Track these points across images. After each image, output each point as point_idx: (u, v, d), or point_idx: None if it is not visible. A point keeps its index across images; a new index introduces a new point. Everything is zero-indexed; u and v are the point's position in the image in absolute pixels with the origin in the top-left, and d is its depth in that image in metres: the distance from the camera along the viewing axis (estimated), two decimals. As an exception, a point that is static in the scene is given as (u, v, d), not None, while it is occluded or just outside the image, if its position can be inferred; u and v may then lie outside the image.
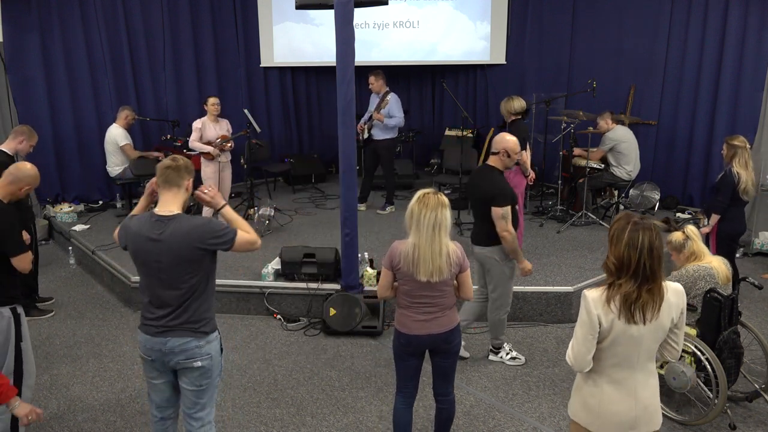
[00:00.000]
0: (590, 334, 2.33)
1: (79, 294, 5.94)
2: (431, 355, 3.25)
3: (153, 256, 2.76)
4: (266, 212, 6.76)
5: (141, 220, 2.84)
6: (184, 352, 2.83)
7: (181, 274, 2.77)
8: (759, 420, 3.83)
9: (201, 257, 2.77)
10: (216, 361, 2.92)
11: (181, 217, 2.79)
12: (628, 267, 2.25)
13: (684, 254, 3.91)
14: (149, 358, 2.89)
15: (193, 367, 2.85)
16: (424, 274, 3.00)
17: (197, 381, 2.88)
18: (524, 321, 5.21)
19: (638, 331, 2.29)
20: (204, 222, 2.82)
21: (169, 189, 2.82)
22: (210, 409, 2.99)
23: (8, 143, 5.10)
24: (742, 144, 4.96)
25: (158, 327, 2.84)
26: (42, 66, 7.48)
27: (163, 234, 2.74)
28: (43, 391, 4.22)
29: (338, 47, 4.73)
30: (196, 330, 2.84)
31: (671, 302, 2.33)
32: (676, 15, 7.57)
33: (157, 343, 2.83)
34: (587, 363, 2.38)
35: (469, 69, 9.61)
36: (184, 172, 2.83)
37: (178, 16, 8.43)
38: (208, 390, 2.93)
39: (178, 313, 2.81)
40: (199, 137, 6.53)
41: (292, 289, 5.31)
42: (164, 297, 2.81)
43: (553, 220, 7.21)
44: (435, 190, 3.06)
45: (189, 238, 2.73)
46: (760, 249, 6.73)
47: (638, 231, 2.24)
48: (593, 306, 2.31)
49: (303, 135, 10.01)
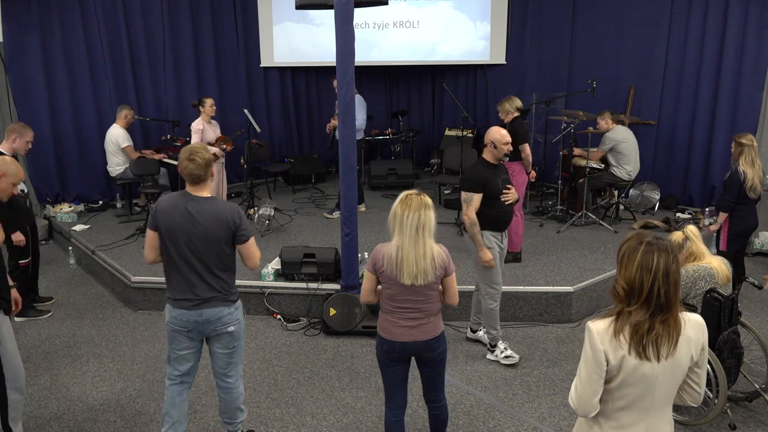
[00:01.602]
0: (596, 374, 2.02)
1: (79, 294, 5.95)
2: (418, 364, 3.17)
3: (187, 229, 3.06)
4: (266, 212, 6.76)
5: (173, 198, 3.15)
6: (219, 320, 3.19)
7: (213, 247, 3.09)
8: (759, 420, 3.83)
9: (228, 234, 3.11)
10: (243, 325, 3.33)
11: (214, 199, 3.16)
12: (639, 292, 1.96)
13: (683, 254, 3.92)
14: (185, 329, 3.19)
15: (227, 332, 3.23)
16: (408, 277, 2.90)
17: (230, 344, 3.27)
18: (524, 321, 5.21)
19: (652, 370, 1.99)
20: (235, 206, 3.19)
21: (197, 184, 3.13)
22: (240, 366, 3.40)
23: (3, 144, 5.10)
24: (750, 142, 5.02)
25: (193, 301, 3.14)
26: (42, 66, 7.48)
27: (200, 211, 3.07)
28: (43, 391, 4.22)
29: (338, 47, 4.73)
30: (226, 299, 3.21)
31: (690, 337, 2.03)
32: (676, 15, 7.58)
33: (193, 315, 3.15)
34: (593, 407, 2.06)
35: (469, 69, 9.62)
36: (206, 167, 3.12)
37: (178, 16, 8.43)
38: (238, 350, 3.33)
39: (210, 286, 3.14)
40: (200, 139, 6.47)
41: (292, 289, 5.31)
42: (197, 270, 3.11)
43: (553, 220, 7.21)
44: (419, 191, 2.99)
45: (221, 215, 3.09)
46: (760, 249, 6.73)
47: (653, 252, 1.97)
48: (599, 340, 2.01)
49: (303, 135, 10.01)
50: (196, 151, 3.10)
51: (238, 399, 3.42)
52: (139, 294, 5.50)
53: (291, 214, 7.51)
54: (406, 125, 9.96)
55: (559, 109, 8.06)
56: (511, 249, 5.88)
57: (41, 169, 7.66)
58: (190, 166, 3.07)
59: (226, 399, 3.40)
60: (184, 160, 3.09)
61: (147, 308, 5.47)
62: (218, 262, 3.14)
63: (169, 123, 8.00)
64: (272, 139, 9.51)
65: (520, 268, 5.69)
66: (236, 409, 3.44)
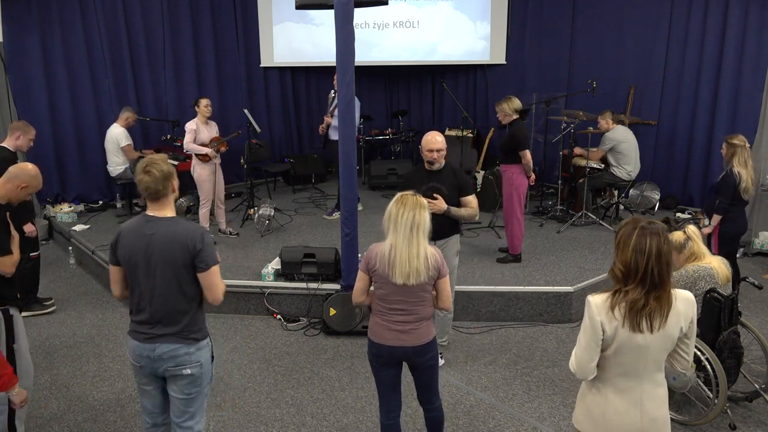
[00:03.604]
0: (593, 341, 2.27)
1: (79, 294, 5.94)
2: (410, 368, 3.15)
3: (144, 253, 2.71)
4: (266, 212, 6.76)
5: (131, 223, 2.81)
6: (173, 359, 2.77)
7: (172, 276, 2.72)
8: (759, 420, 3.83)
9: (187, 258, 2.71)
10: (206, 369, 2.86)
11: (176, 219, 2.78)
12: (635, 273, 2.18)
13: (684, 254, 3.91)
14: (138, 365, 2.84)
15: (183, 374, 2.79)
16: (400, 276, 2.88)
17: (186, 389, 2.83)
18: (524, 321, 5.21)
19: (644, 340, 2.22)
20: (200, 229, 2.81)
21: (156, 200, 2.75)
22: (200, 417, 2.93)
23: (7, 141, 5.19)
24: (741, 143, 4.98)
25: (147, 333, 2.79)
26: (42, 66, 7.48)
27: (156, 233, 2.71)
28: (43, 391, 4.22)
29: (338, 47, 4.72)
30: (186, 336, 2.78)
31: (680, 311, 2.25)
32: (676, 15, 7.58)
33: (145, 349, 2.78)
34: (591, 371, 2.31)
35: (469, 69, 9.61)
36: (164, 180, 2.72)
37: (178, 16, 8.43)
38: (197, 398, 2.87)
39: (168, 319, 2.76)
40: (193, 139, 6.43)
41: (292, 289, 5.31)
42: (154, 301, 2.75)
43: (553, 220, 7.21)
44: (414, 192, 3.00)
45: (178, 236, 2.70)
46: (760, 249, 6.73)
47: (646, 236, 2.17)
48: (596, 312, 2.25)
49: (303, 135, 10.01)
50: (153, 162, 2.72)
51: None
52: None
53: (291, 214, 7.51)
54: (406, 125, 9.96)
55: (559, 109, 8.06)
56: (511, 251, 5.89)
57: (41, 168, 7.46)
58: (146, 179, 2.68)
59: None
60: (140, 172, 2.70)
61: (147, 308, 5.47)
62: (178, 291, 2.74)
63: (169, 123, 8.00)
64: (272, 139, 9.50)
65: (520, 268, 5.69)
66: None
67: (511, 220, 5.76)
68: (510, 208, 5.73)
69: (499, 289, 5.24)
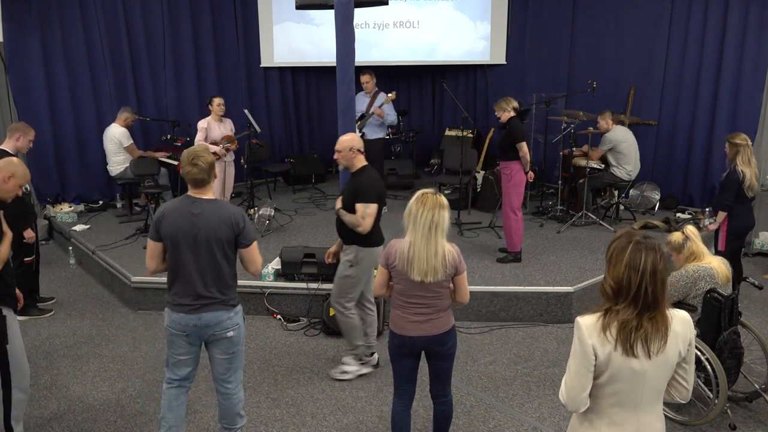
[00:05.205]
0: (584, 367, 2.03)
1: (79, 294, 5.94)
2: (427, 357, 3.23)
3: (190, 231, 3.05)
4: (266, 212, 6.76)
5: (174, 203, 3.15)
6: (219, 324, 3.15)
7: (219, 251, 3.08)
8: (759, 420, 3.83)
9: (231, 236, 3.09)
10: (242, 330, 3.28)
11: (217, 201, 3.19)
12: (627, 291, 1.99)
13: (684, 254, 3.92)
14: (184, 334, 3.16)
15: (226, 337, 3.18)
16: (418, 273, 2.97)
17: (229, 349, 3.22)
18: (524, 321, 5.21)
19: (641, 366, 2.01)
20: (240, 209, 3.20)
21: (200, 187, 3.12)
22: (240, 371, 3.35)
23: (7, 142, 5.15)
24: (744, 141, 5.03)
25: (193, 305, 3.11)
26: (42, 66, 7.47)
27: (203, 212, 3.07)
28: (43, 391, 4.22)
29: (338, 47, 4.73)
30: (226, 303, 3.17)
31: (678, 332, 2.05)
32: (676, 15, 7.57)
33: (192, 319, 3.12)
34: (583, 401, 2.07)
35: (469, 69, 9.61)
36: (209, 170, 3.11)
37: (178, 16, 8.42)
38: (237, 355, 3.27)
39: (211, 289, 3.11)
40: (204, 137, 6.53)
41: (292, 289, 5.31)
42: (204, 274, 3.09)
43: (553, 220, 7.21)
44: (435, 191, 3.05)
45: (225, 215, 3.08)
46: (760, 249, 6.73)
47: (641, 251, 1.99)
48: (587, 334, 2.03)
49: (303, 135, 10.00)
50: (198, 155, 3.08)
51: (238, 405, 3.35)
52: (139, 294, 5.50)
53: (291, 214, 7.51)
54: (406, 125, 9.94)
55: (559, 109, 8.06)
56: (509, 249, 5.88)
57: (41, 169, 7.65)
58: (194, 171, 3.06)
59: (225, 405, 3.34)
60: (186, 164, 3.07)
61: (147, 308, 5.47)
62: (220, 265, 3.11)
63: (169, 123, 8.00)
64: (272, 139, 9.50)
65: (520, 268, 5.69)
66: (236, 415, 3.37)
67: (508, 215, 5.74)
68: (508, 204, 5.71)
69: (499, 289, 5.24)
